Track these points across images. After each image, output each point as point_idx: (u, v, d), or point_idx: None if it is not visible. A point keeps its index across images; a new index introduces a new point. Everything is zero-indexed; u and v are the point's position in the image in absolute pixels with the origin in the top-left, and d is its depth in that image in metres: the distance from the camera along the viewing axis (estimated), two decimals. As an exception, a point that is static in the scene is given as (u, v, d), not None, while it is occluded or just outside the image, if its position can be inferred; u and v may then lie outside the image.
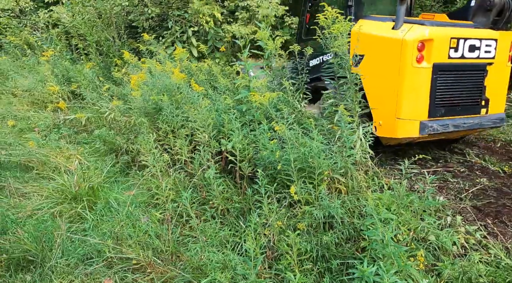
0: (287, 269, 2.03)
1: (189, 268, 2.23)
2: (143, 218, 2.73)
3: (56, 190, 3.11)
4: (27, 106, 6.24)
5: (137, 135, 3.93)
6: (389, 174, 3.67)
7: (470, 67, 3.63)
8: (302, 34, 5.07)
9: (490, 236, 2.55)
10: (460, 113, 3.67)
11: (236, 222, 2.68)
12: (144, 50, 5.79)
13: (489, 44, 3.63)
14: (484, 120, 3.78)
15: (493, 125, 3.88)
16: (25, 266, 2.30)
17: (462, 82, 3.62)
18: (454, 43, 3.43)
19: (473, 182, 3.50)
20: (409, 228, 2.28)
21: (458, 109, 3.66)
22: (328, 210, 2.28)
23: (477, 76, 3.70)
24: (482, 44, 3.59)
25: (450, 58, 3.45)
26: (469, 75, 3.66)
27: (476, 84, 3.71)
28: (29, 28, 10.80)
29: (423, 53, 3.32)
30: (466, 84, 3.66)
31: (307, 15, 5.02)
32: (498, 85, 3.86)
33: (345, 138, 2.74)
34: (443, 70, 3.44)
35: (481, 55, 3.62)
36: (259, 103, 2.92)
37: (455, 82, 3.58)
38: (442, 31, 3.41)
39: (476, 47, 3.57)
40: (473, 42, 3.54)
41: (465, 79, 3.64)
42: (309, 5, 5.00)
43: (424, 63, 3.34)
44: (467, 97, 3.71)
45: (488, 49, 3.65)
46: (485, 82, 3.75)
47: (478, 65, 3.66)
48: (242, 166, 2.98)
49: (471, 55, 3.58)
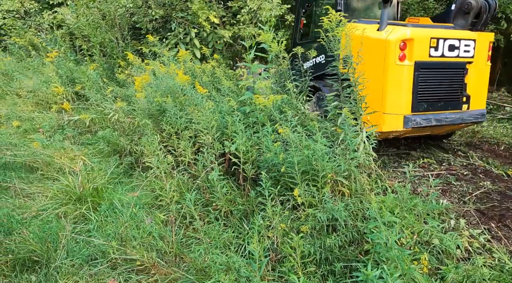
0: (290, 271, 2.03)
1: (193, 269, 2.24)
2: (147, 220, 2.74)
3: (61, 191, 3.13)
4: (31, 107, 6.29)
5: (141, 136, 3.95)
6: (392, 177, 3.67)
7: (450, 65, 3.86)
8: (297, 39, 5.39)
9: (494, 240, 2.54)
10: (442, 108, 3.90)
11: (239, 224, 2.69)
12: (148, 52, 5.83)
13: (467, 44, 3.87)
14: (465, 116, 4.00)
15: (474, 120, 4.08)
16: (30, 266, 2.31)
17: (443, 79, 3.85)
18: (434, 42, 3.69)
19: (477, 185, 3.49)
20: (412, 231, 2.28)
21: (440, 104, 3.88)
22: (332, 213, 2.28)
23: (458, 74, 3.92)
24: (461, 44, 3.84)
25: (430, 57, 3.70)
26: (450, 73, 3.89)
27: (457, 81, 3.93)
28: (33, 29, 10.88)
29: (405, 51, 3.57)
30: (447, 81, 3.88)
31: (301, 20, 5.39)
32: (479, 82, 4.11)
33: (349, 140, 2.75)
34: (424, 67, 3.68)
35: (460, 54, 3.86)
36: (263, 105, 2.93)
37: (436, 79, 3.80)
38: (422, 31, 3.69)
39: (456, 46, 3.82)
40: (452, 42, 3.80)
41: (445, 76, 3.87)
42: (303, 12, 5.37)
43: (406, 61, 3.60)
44: (449, 93, 3.92)
45: (467, 49, 3.89)
46: (466, 80, 3.99)
47: (458, 63, 3.90)
48: (245, 168, 2.99)
49: (451, 54, 3.83)
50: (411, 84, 3.64)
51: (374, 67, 3.63)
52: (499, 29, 6.89)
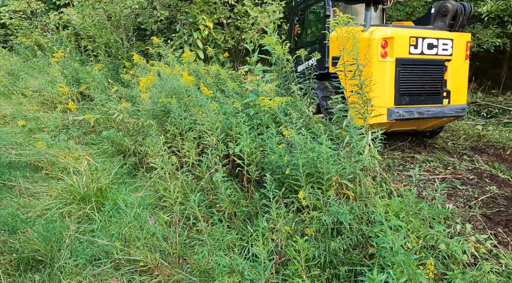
0: (294, 274, 2.02)
1: (196, 271, 2.23)
2: (150, 220, 2.74)
3: (65, 190, 3.14)
4: (36, 106, 6.33)
5: (145, 137, 3.96)
6: (397, 180, 3.64)
7: (430, 62, 4.17)
8: (291, 45, 5.78)
9: (501, 246, 2.51)
10: (423, 102, 4.20)
11: (243, 226, 2.68)
12: (153, 53, 5.85)
13: (445, 43, 4.21)
14: (446, 109, 4.30)
15: (455, 114, 4.35)
16: (34, 265, 2.31)
17: (423, 74, 4.17)
18: (414, 41, 4.03)
19: (483, 190, 3.45)
20: (418, 236, 2.25)
21: (421, 98, 4.19)
22: (337, 216, 2.26)
23: (437, 70, 4.24)
24: (439, 43, 4.17)
25: (410, 54, 4.03)
26: (430, 69, 4.20)
27: (437, 77, 4.25)
28: (39, 30, 10.97)
29: (387, 49, 3.89)
30: (427, 77, 4.19)
31: (295, 28, 5.88)
32: (458, 79, 4.43)
33: (354, 143, 2.73)
34: (405, 64, 4.01)
35: (439, 52, 4.19)
36: (268, 107, 2.92)
37: (417, 74, 4.12)
38: (402, 31, 4.04)
39: (434, 45, 4.16)
40: (431, 41, 4.13)
41: (426, 72, 4.18)
42: (297, 19, 5.81)
43: (388, 58, 3.93)
44: (429, 88, 4.24)
45: (446, 48, 4.23)
46: (445, 76, 4.32)
47: (437, 60, 4.22)
48: (249, 170, 2.98)
49: (430, 52, 4.15)
50: (393, 79, 3.95)
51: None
52: (505, 32, 6.85)
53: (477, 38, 7.03)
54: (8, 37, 12.03)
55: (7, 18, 11.41)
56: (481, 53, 7.48)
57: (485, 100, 7.18)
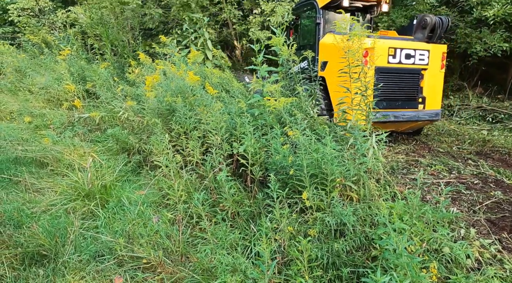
0: (297, 275, 2.02)
1: (199, 269, 2.24)
2: (154, 218, 2.75)
3: (70, 186, 3.16)
4: (43, 103, 6.38)
5: (149, 135, 3.98)
6: (401, 183, 3.63)
7: (407, 71, 4.61)
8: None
9: (505, 251, 2.49)
10: (399, 107, 4.64)
11: (246, 225, 2.68)
12: (159, 52, 5.88)
13: (422, 53, 4.63)
14: (421, 114, 4.72)
15: (429, 118, 4.76)
16: (39, 260, 2.33)
17: (400, 82, 4.60)
18: (392, 51, 4.47)
19: (487, 195, 3.43)
20: (422, 239, 2.24)
21: (398, 103, 4.63)
22: (340, 218, 2.26)
23: (413, 78, 4.67)
24: (417, 53, 4.61)
25: (389, 63, 4.48)
26: (406, 77, 4.63)
27: (413, 85, 4.68)
28: (47, 27, 11.08)
29: (367, 58, 4.14)
30: (404, 84, 4.63)
31: (290, 31, 6.25)
32: (433, 86, 4.83)
33: (358, 145, 2.73)
34: (383, 72, 4.46)
35: (416, 62, 4.63)
36: (273, 108, 2.93)
37: (394, 82, 4.55)
38: (382, 42, 4.38)
39: (411, 55, 4.59)
40: (408, 51, 4.57)
41: (403, 80, 4.61)
42: (292, 23, 6.17)
43: (368, 66, 4.12)
44: (405, 94, 4.66)
45: (422, 58, 4.65)
46: (422, 84, 4.74)
47: (414, 69, 4.65)
48: (253, 170, 2.98)
49: (408, 62, 4.59)
50: (372, 85, 4.19)
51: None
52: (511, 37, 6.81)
53: (484, 42, 6.99)
54: (16, 35, 12.16)
55: (15, 16, 11.53)
56: (488, 58, 7.44)
57: (491, 105, 7.13)
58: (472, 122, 6.51)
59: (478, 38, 7.11)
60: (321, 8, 5.24)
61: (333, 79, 4.54)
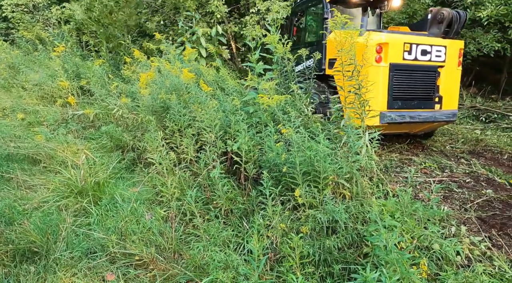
0: (289, 271, 2.03)
1: (191, 266, 2.24)
2: (147, 215, 2.75)
3: (63, 183, 3.15)
4: (36, 100, 6.33)
5: (144, 132, 3.97)
6: (394, 182, 3.66)
7: (423, 68, 4.24)
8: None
9: (495, 248, 2.53)
10: (415, 107, 4.27)
11: (239, 223, 2.69)
12: (154, 49, 5.86)
13: (439, 49, 4.29)
14: (438, 114, 4.36)
15: (446, 119, 4.41)
16: (30, 257, 2.32)
17: (416, 80, 4.24)
18: (408, 47, 4.10)
19: (479, 193, 3.47)
20: (412, 236, 2.27)
21: (414, 103, 4.26)
22: (332, 215, 2.28)
23: (430, 76, 4.31)
24: (433, 49, 4.25)
25: (404, 59, 4.11)
26: (422, 75, 4.26)
27: (429, 83, 4.32)
28: (41, 24, 10.97)
29: (381, 54, 3.95)
30: (420, 82, 4.27)
31: (294, 28, 5.94)
32: (450, 85, 4.50)
33: (351, 143, 2.75)
34: (398, 69, 4.09)
35: (432, 58, 4.27)
36: (266, 105, 2.93)
37: (410, 80, 4.20)
38: (397, 37, 4.09)
39: (428, 51, 4.22)
40: (424, 47, 4.20)
41: (418, 78, 4.25)
42: (296, 20, 5.88)
43: (382, 62, 4.00)
44: (422, 93, 4.31)
45: (439, 54, 4.30)
46: (438, 82, 4.40)
47: (430, 66, 4.29)
48: (247, 168, 2.99)
49: (424, 58, 4.22)
50: (387, 83, 4.02)
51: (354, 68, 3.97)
52: (505, 37, 6.87)
53: (477, 42, 7.05)
54: (10, 31, 12.02)
55: (9, 12, 11.40)
56: (481, 58, 7.51)
57: (484, 105, 7.20)
58: (465, 122, 6.57)
59: (472, 38, 7.17)
60: (329, 3, 4.92)
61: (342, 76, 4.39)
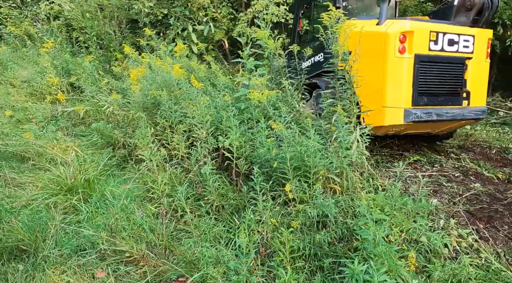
0: (279, 266, 2.04)
1: (182, 262, 2.24)
2: (138, 212, 2.73)
3: (52, 181, 3.11)
4: (25, 97, 6.22)
5: (135, 129, 3.93)
6: (385, 176, 3.69)
7: (450, 60, 3.83)
8: (295, 40, 5.39)
9: (482, 240, 2.57)
10: (442, 103, 3.85)
11: (230, 218, 2.69)
12: (145, 45, 5.79)
13: (467, 39, 3.85)
14: (466, 112, 3.95)
15: (475, 116, 4.01)
16: (18, 255, 2.30)
17: (443, 73, 3.83)
18: (434, 36, 3.66)
19: (467, 187, 3.53)
20: (401, 229, 2.30)
21: (440, 99, 3.84)
22: (322, 209, 2.29)
23: (457, 69, 3.91)
24: (461, 38, 3.82)
25: (430, 50, 3.67)
26: (450, 67, 3.86)
27: (457, 77, 3.91)
28: (30, 19, 10.75)
29: (405, 44, 3.53)
30: (446, 76, 3.86)
31: (299, 22, 5.44)
32: (479, 79, 4.07)
33: (342, 138, 2.76)
34: (424, 60, 3.65)
35: (460, 49, 3.84)
36: (257, 101, 2.93)
37: (436, 73, 3.77)
38: (422, 24, 3.69)
39: (455, 41, 3.80)
40: (451, 36, 3.77)
41: (446, 71, 3.84)
42: (302, 13, 5.39)
43: (406, 54, 3.56)
44: (449, 88, 3.89)
45: (467, 44, 3.87)
46: (465, 76, 3.96)
47: (458, 58, 3.87)
48: (238, 164, 2.99)
49: (451, 49, 3.80)
50: (411, 77, 3.60)
51: (373, 61, 3.61)
52: (495, 34, 6.94)
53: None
54: (-3, 26, 11.76)
55: (-4, 7, 11.14)
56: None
57: (474, 100, 7.29)
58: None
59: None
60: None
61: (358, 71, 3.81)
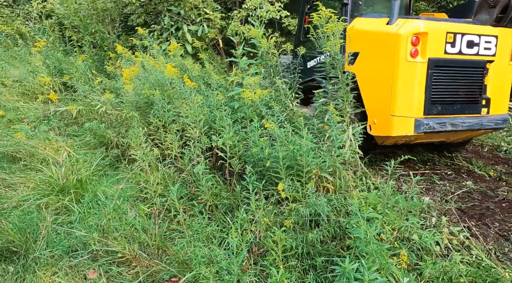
0: (272, 265, 2.04)
1: (175, 262, 2.23)
2: (130, 212, 2.72)
3: (43, 181, 3.08)
4: (17, 96, 6.14)
5: (128, 129, 3.91)
6: (378, 175, 3.72)
7: (469, 64, 3.46)
8: (301, 36, 5.08)
9: (473, 238, 2.60)
10: (458, 112, 3.50)
11: (223, 218, 2.69)
12: (138, 45, 5.75)
13: (488, 40, 3.46)
14: (485, 121, 3.56)
15: (495, 126, 3.64)
16: (8, 257, 2.27)
17: (460, 79, 3.47)
18: (451, 37, 3.29)
19: (459, 185, 3.56)
20: (393, 227, 2.31)
21: (456, 107, 3.49)
22: (315, 208, 2.30)
23: (477, 74, 3.53)
24: (481, 40, 3.42)
25: (446, 53, 3.32)
26: (468, 72, 3.49)
27: (476, 82, 3.54)
28: (21, 18, 10.62)
29: (418, 47, 3.21)
30: (464, 82, 3.50)
31: (305, 17, 4.99)
32: (500, 84, 3.68)
33: (334, 137, 2.77)
34: (439, 65, 3.30)
35: (480, 51, 3.45)
36: (250, 100, 2.92)
37: (452, 79, 3.43)
38: (438, 25, 3.30)
39: (475, 43, 3.40)
40: (471, 37, 3.37)
41: (463, 76, 3.48)
42: (308, 8, 4.99)
43: (419, 57, 3.23)
44: (466, 95, 3.53)
45: (488, 46, 3.48)
46: (486, 81, 3.59)
47: (478, 62, 3.48)
48: (232, 163, 2.98)
49: (470, 51, 3.41)
50: (424, 83, 3.27)
51: (382, 64, 3.34)
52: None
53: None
54: (-12, 25, 11.60)
55: (-13, 5, 10.99)
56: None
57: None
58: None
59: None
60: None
61: (365, 74, 3.52)
